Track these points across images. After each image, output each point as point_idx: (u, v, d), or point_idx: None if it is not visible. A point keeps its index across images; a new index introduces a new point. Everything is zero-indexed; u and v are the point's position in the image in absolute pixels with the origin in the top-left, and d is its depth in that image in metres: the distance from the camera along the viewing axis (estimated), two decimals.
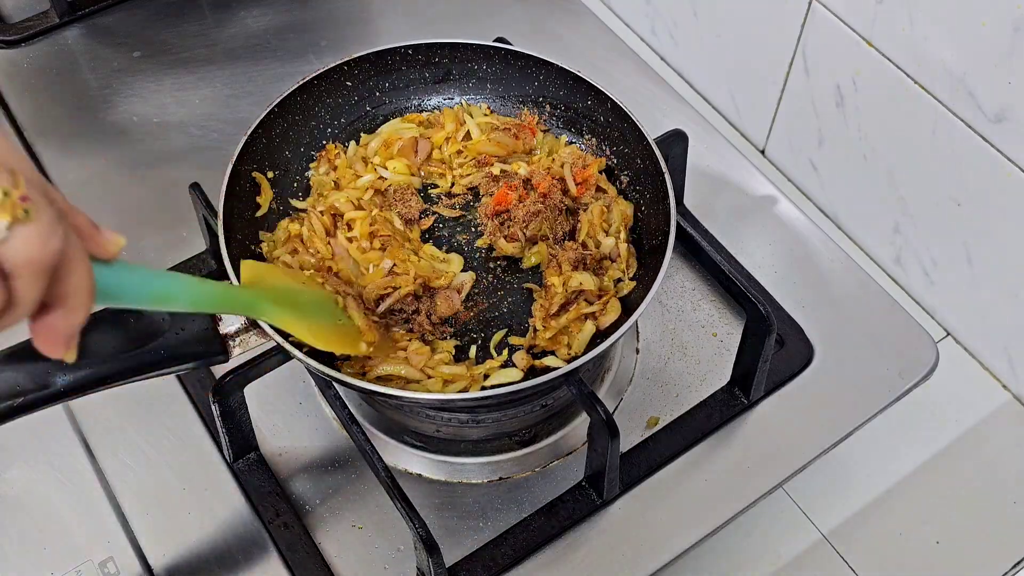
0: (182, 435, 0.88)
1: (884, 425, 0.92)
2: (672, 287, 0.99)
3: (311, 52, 1.18)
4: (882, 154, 1.07)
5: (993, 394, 1.06)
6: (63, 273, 0.40)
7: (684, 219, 0.92)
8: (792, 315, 0.95)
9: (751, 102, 1.23)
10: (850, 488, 0.99)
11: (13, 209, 0.37)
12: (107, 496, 0.85)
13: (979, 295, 1.04)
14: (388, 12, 1.23)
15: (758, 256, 1.00)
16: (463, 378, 0.78)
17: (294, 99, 0.88)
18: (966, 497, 0.98)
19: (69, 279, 0.41)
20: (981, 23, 0.89)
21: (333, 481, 0.86)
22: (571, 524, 0.83)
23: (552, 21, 1.21)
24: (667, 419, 0.89)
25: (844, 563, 0.95)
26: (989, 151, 0.95)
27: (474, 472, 0.87)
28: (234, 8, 1.23)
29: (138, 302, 0.57)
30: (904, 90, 1.00)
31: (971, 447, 1.02)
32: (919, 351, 0.93)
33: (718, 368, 0.93)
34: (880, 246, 1.15)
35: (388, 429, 0.89)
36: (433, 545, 0.73)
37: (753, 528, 0.95)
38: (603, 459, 0.80)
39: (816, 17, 1.07)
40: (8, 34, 1.19)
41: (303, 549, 0.82)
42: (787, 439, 0.88)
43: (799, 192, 1.22)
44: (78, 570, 0.80)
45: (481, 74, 0.94)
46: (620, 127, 0.88)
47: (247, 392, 0.81)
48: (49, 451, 0.87)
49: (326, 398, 0.85)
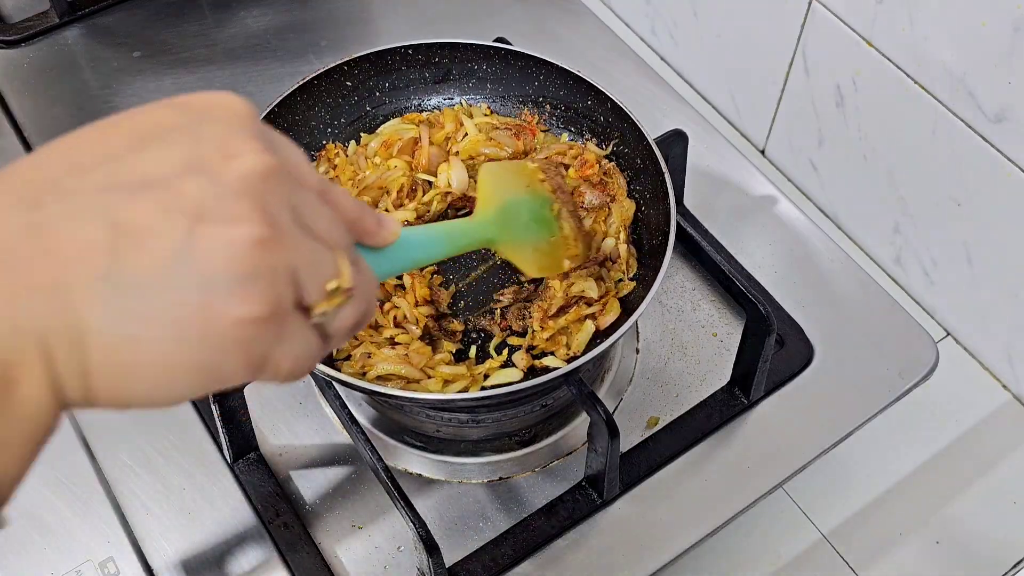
0: (182, 435, 0.88)
1: (884, 425, 0.92)
2: (672, 287, 0.99)
3: (311, 52, 1.18)
4: (882, 154, 1.07)
5: (993, 394, 1.06)
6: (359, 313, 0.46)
7: (684, 219, 0.92)
8: (792, 315, 0.95)
9: (751, 102, 1.23)
10: (850, 488, 0.99)
11: (339, 299, 0.43)
12: (107, 496, 0.85)
13: (979, 295, 1.04)
14: (388, 12, 1.23)
15: (758, 256, 1.00)
16: (463, 378, 0.78)
17: (294, 99, 0.88)
18: (966, 497, 0.98)
19: (362, 313, 0.46)
20: (981, 23, 0.89)
21: (333, 481, 0.86)
22: (571, 524, 0.83)
23: (552, 21, 1.21)
24: (667, 419, 0.89)
25: (844, 563, 0.95)
26: (989, 151, 0.95)
27: (474, 472, 0.87)
28: (234, 8, 1.23)
29: (406, 268, 0.63)
30: (904, 90, 1.00)
31: (971, 447, 1.02)
32: (919, 351, 0.93)
33: (718, 368, 0.93)
34: (880, 246, 1.15)
35: (388, 429, 0.89)
36: (433, 545, 0.73)
37: (753, 528, 0.95)
38: (603, 459, 0.80)
39: (816, 17, 1.07)
40: (8, 34, 1.19)
41: (303, 549, 0.82)
42: (787, 439, 0.88)
43: (799, 192, 1.22)
44: (78, 570, 0.80)
45: (481, 74, 0.94)
46: (620, 127, 0.88)
47: (247, 392, 0.81)
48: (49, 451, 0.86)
49: (326, 398, 0.85)
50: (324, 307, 0.43)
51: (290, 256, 0.41)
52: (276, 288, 0.40)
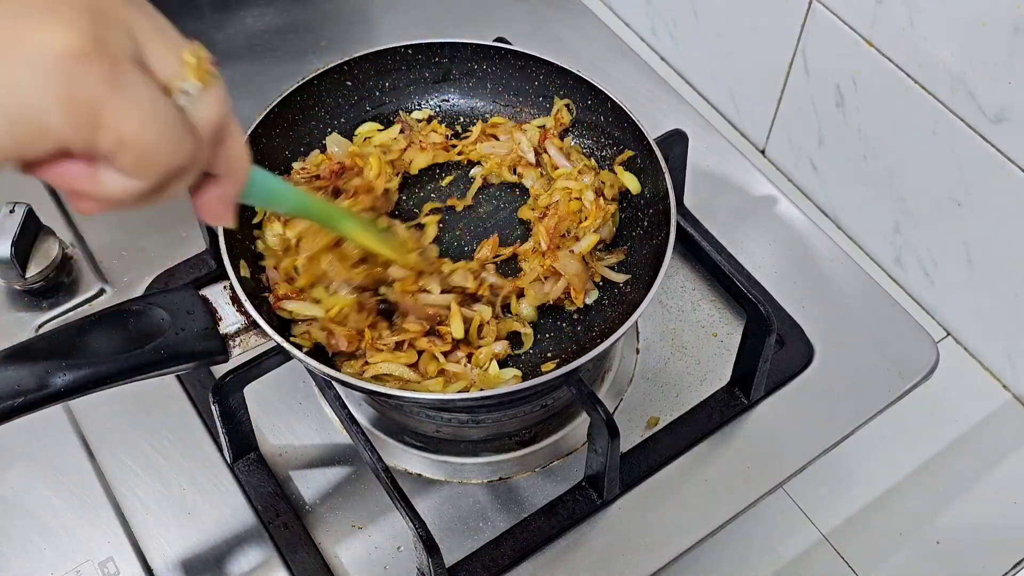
0: (182, 435, 0.88)
1: (884, 425, 0.92)
2: (672, 287, 0.99)
3: (311, 52, 1.18)
4: (882, 154, 1.07)
5: (993, 394, 1.06)
6: (226, 140, 0.44)
7: (684, 219, 0.92)
8: (792, 315, 0.95)
9: (751, 102, 1.23)
10: (850, 488, 0.99)
11: (203, 74, 0.41)
12: (107, 496, 0.85)
13: (979, 295, 1.04)
14: (388, 12, 1.23)
15: (758, 256, 1.00)
16: (463, 378, 0.78)
17: (294, 99, 0.88)
18: (966, 497, 0.98)
19: (231, 146, 0.44)
20: (981, 23, 0.89)
21: (333, 481, 0.86)
22: (571, 524, 0.83)
23: (552, 21, 1.21)
24: (667, 419, 0.89)
25: (844, 563, 0.95)
26: (989, 151, 0.95)
27: (474, 472, 0.87)
28: (234, 8, 1.22)
29: (260, 200, 0.66)
30: (904, 90, 1.00)
31: (971, 447, 1.02)
32: (919, 351, 0.93)
33: (718, 368, 0.93)
34: (880, 246, 1.15)
35: (388, 429, 0.89)
36: (433, 545, 0.73)
37: (753, 528, 0.95)
38: (603, 459, 0.80)
39: (816, 17, 1.07)
40: None
41: (303, 549, 0.82)
42: (787, 439, 0.88)
43: (799, 192, 1.22)
44: (78, 570, 0.80)
45: (481, 74, 0.94)
46: (620, 127, 0.88)
47: (247, 392, 0.81)
48: (49, 451, 0.87)
49: (326, 398, 0.85)
50: (188, 77, 0.40)
51: (122, 7, 0.38)
52: (97, 24, 0.37)
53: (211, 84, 0.42)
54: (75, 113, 0.36)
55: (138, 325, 0.69)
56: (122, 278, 0.98)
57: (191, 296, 0.73)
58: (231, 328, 0.73)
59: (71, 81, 0.36)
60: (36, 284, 0.95)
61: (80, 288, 0.97)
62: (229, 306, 0.74)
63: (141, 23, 0.39)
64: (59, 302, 0.96)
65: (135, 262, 0.99)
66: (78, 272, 0.98)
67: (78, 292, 0.97)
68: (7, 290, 0.96)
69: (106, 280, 0.98)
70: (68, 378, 0.65)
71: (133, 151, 0.38)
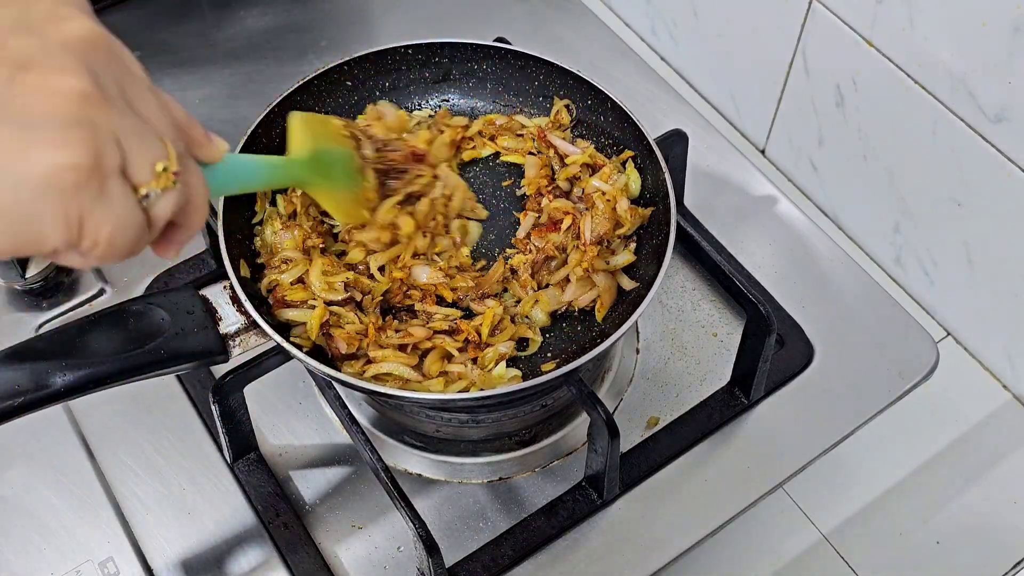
0: (182, 435, 0.88)
1: (884, 425, 0.92)
2: (672, 287, 0.99)
3: (311, 52, 1.18)
4: (882, 154, 1.07)
5: (993, 394, 1.06)
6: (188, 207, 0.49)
7: (684, 219, 0.92)
8: (792, 315, 0.95)
9: (751, 102, 1.23)
10: (850, 488, 0.99)
11: (167, 182, 0.46)
12: (107, 496, 0.85)
13: (979, 295, 1.04)
14: (388, 12, 1.23)
15: (758, 256, 1.00)
16: (464, 378, 0.78)
17: (294, 99, 0.88)
18: (966, 497, 0.98)
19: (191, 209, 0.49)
20: (981, 23, 0.89)
21: (333, 481, 0.86)
22: (571, 524, 0.83)
23: (552, 21, 1.21)
24: (667, 419, 0.89)
25: (844, 563, 0.95)
26: (989, 151, 0.95)
27: (474, 472, 0.87)
28: (234, 8, 1.23)
29: (232, 190, 0.72)
30: (904, 90, 1.00)
31: (971, 447, 1.02)
32: (919, 351, 0.93)
33: (718, 368, 0.93)
34: (880, 246, 1.15)
35: (388, 429, 0.89)
36: (433, 545, 0.73)
37: (753, 528, 0.95)
38: (603, 459, 0.80)
39: (816, 17, 1.07)
40: None
41: (303, 549, 0.82)
42: (787, 439, 0.88)
43: (799, 192, 1.22)
44: (78, 570, 0.80)
45: (481, 74, 0.94)
46: (620, 127, 0.88)
47: (247, 392, 0.81)
48: (49, 451, 0.87)
49: (326, 398, 0.85)
50: (152, 186, 0.46)
51: (115, 120, 0.42)
52: (96, 141, 0.41)
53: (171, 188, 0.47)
54: (68, 225, 0.42)
55: (138, 325, 0.69)
56: (122, 278, 0.98)
57: (191, 296, 0.73)
58: (231, 328, 0.73)
59: (67, 198, 0.41)
60: (36, 284, 0.95)
61: (80, 288, 0.97)
62: (229, 306, 0.74)
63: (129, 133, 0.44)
64: (59, 302, 0.96)
65: (135, 262, 0.97)
66: (78, 272, 0.98)
67: (78, 292, 0.97)
68: (7, 290, 0.96)
69: (106, 280, 0.98)
70: (68, 378, 0.65)
71: (103, 249, 0.44)
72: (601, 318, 0.83)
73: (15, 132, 0.39)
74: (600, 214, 0.84)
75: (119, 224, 0.44)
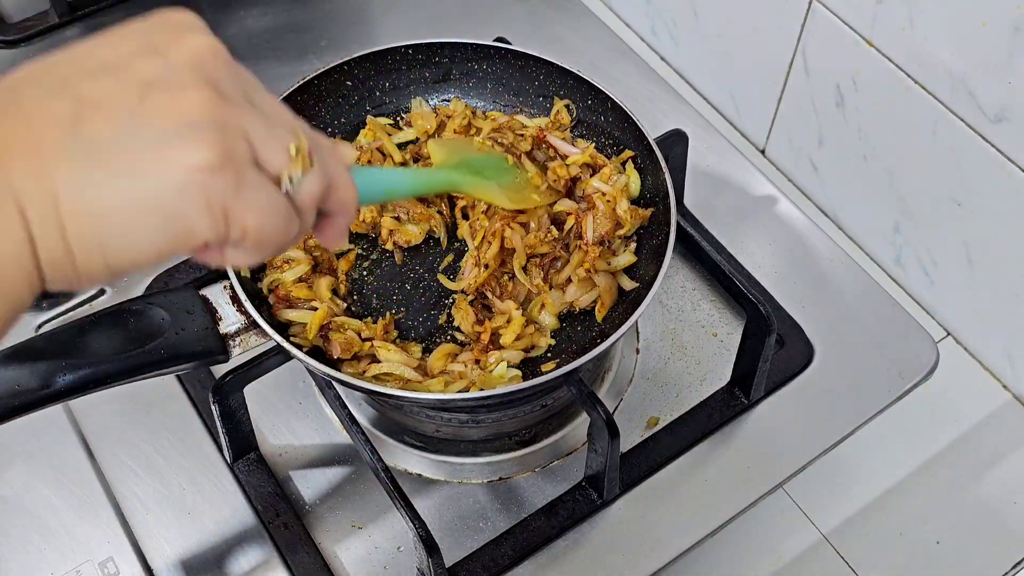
0: (182, 435, 0.88)
1: (884, 425, 0.92)
2: (672, 287, 0.99)
3: (311, 52, 1.18)
4: (882, 154, 1.07)
5: (993, 394, 1.06)
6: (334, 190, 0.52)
7: (684, 219, 0.92)
8: (792, 315, 0.95)
9: (751, 102, 1.23)
10: (850, 488, 0.99)
11: (304, 163, 0.48)
12: (107, 496, 0.85)
13: (979, 295, 1.04)
14: (388, 12, 1.23)
15: (758, 256, 1.00)
16: (464, 378, 0.78)
17: (294, 99, 0.88)
18: (966, 497, 0.98)
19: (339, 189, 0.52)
20: (981, 23, 0.89)
21: (333, 481, 0.86)
22: (571, 524, 0.83)
23: (552, 21, 1.21)
24: (667, 419, 0.89)
25: (844, 563, 0.95)
26: (989, 151, 0.95)
27: (474, 472, 0.87)
28: (234, 8, 1.22)
29: (377, 198, 0.74)
30: (904, 90, 1.00)
31: (971, 447, 1.02)
32: (919, 351, 0.93)
33: (718, 368, 0.93)
34: (880, 246, 1.15)
35: (388, 429, 0.89)
36: (433, 545, 0.73)
37: (753, 528, 0.95)
38: (603, 459, 0.80)
39: (816, 17, 1.07)
40: (8, 34, 1.18)
41: (303, 549, 0.82)
42: (787, 439, 0.88)
43: (799, 192, 1.22)
44: (78, 570, 0.80)
45: (481, 74, 0.94)
46: (620, 127, 0.88)
47: (247, 392, 0.81)
48: (49, 451, 0.87)
49: (326, 398, 0.85)
50: (289, 171, 0.48)
51: (240, 117, 0.46)
52: (225, 138, 0.44)
53: (309, 169, 0.49)
54: (212, 216, 0.44)
55: (138, 325, 0.69)
56: (122, 278, 0.98)
57: (191, 296, 0.73)
58: (231, 328, 0.73)
59: (207, 190, 0.44)
60: None
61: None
62: (229, 306, 0.74)
63: (256, 127, 0.47)
64: (59, 302, 0.96)
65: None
66: None
67: (78, 292, 0.97)
68: None
69: None
70: (68, 378, 0.65)
71: (253, 238, 0.47)
72: (601, 318, 0.83)
73: (150, 145, 0.43)
74: (601, 215, 0.84)
75: (263, 212, 0.46)
